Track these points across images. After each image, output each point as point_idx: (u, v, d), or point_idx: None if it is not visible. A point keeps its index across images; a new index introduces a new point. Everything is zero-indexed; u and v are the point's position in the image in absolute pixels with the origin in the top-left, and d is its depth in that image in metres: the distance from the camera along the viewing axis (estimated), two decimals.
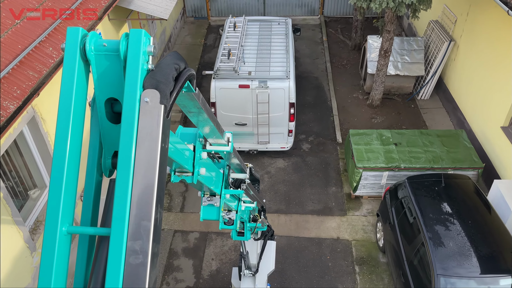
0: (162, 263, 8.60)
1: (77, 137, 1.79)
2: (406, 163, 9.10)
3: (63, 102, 1.76)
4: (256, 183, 4.75)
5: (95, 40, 1.78)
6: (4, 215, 6.16)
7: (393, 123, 12.00)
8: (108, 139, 2.00)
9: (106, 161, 2.03)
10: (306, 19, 17.49)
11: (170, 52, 2.01)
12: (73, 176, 1.77)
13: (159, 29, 13.96)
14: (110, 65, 1.81)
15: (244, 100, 9.71)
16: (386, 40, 11.07)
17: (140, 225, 1.63)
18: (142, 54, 1.72)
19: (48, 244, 1.69)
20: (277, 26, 11.93)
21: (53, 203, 1.71)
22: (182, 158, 2.63)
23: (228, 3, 17.28)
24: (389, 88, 12.84)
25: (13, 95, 5.62)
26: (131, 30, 1.74)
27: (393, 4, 8.85)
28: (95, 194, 2.01)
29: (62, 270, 1.73)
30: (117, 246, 1.60)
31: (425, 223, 7.09)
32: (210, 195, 3.88)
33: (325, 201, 9.84)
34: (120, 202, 1.63)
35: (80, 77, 1.78)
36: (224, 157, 3.79)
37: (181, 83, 1.82)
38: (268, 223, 5.93)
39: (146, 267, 1.60)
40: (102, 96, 1.89)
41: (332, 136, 11.69)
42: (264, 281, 5.76)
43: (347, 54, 15.28)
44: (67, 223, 1.74)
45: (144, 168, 1.66)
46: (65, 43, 1.76)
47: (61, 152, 1.74)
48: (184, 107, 2.28)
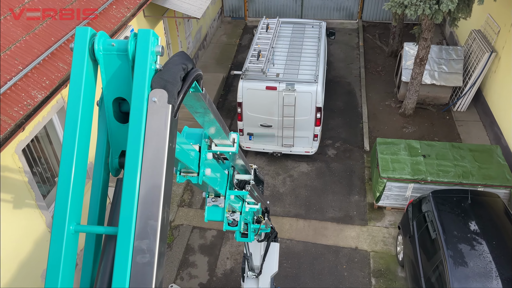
0: (178, 258, 8.72)
1: (85, 136, 1.80)
2: (433, 176, 8.77)
3: (71, 102, 1.77)
4: (260, 185, 4.73)
5: (103, 40, 1.80)
6: (28, 199, 6.44)
7: (425, 134, 11.60)
8: (116, 139, 2.02)
9: (113, 161, 2.05)
10: (343, 23, 17.23)
11: (176, 52, 2.02)
12: (81, 175, 1.79)
13: (195, 27, 14.17)
14: (118, 65, 1.83)
15: (270, 102, 9.68)
16: (423, 48, 10.72)
17: (147, 225, 1.63)
18: (150, 54, 1.73)
19: (56, 242, 1.71)
20: (311, 29, 11.81)
21: (60, 202, 1.73)
22: (188, 159, 2.64)
23: (265, 4, 17.31)
24: (423, 97, 12.43)
25: (42, 85, 5.87)
26: (139, 30, 1.75)
27: (429, 11, 8.54)
28: (102, 193, 2.03)
29: (69, 268, 1.74)
30: (124, 245, 1.61)
31: (446, 240, 6.81)
32: (214, 196, 3.89)
33: (346, 209, 9.65)
34: (127, 201, 1.64)
35: (88, 76, 1.80)
36: (229, 158, 3.79)
37: (188, 83, 1.83)
38: (272, 224, 5.89)
39: (153, 266, 1.60)
40: (110, 96, 1.91)
41: (359, 143, 11.45)
42: (267, 282, 5.73)
43: (383, 60, 14.92)
44: (75, 222, 1.76)
45: (151, 167, 1.67)
46: (74, 42, 1.78)
47: (69, 152, 1.75)
48: (191, 107, 2.29)
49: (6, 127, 5.13)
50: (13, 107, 5.37)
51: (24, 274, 6.47)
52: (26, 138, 6.32)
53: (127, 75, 1.83)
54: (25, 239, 6.48)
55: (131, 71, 1.79)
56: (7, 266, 6.11)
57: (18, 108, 5.40)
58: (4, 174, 5.92)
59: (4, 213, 5.96)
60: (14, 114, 5.30)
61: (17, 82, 5.61)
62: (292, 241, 8.98)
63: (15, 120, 5.27)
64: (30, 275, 6.59)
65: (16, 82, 5.60)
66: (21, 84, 5.64)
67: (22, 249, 6.43)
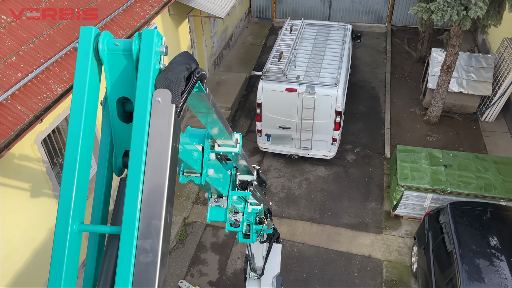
0: (189, 254, 8.80)
1: (88, 136, 1.81)
2: (453, 187, 8.51)
3: (75, 101, 1.78)
4: (262, 185, 4.70)
5: (107, 39, 1.81)
6: (45, 189, 6.64)
7: (450, 143, 11.27)
8: (119, 138, 2.03)
9: (117, 160, 2.06)
10: (372, 27, 16.95)
11: (180, 52, 2.01)
12: (84, 174, 1.79)
13: (220, 26, 14.26)
14: (122, 65, 1.84)
15: (289, 103, 9.63)
16: (450, 55, 10.42)
17: (150, 224, 1.64)
18: (154, 54, 1.73)
19: (59, 241, 1.72)
20: (336, 31, 11.68)
21: (64, 201, 1.74)
22: (191, 159, 2.64)
23: (293, 5, 17.23)
24: (450, 105, 12.07)
25: (62, 79, 6.03)
26: (143, 30, 1.76)
27: (457, 17, 8.29)
28: (106, 192, 2.04)
29: (72, 267, 1.75)
30: (127, 245, 1.61)
31: (461, 254, 6.59)
32: (217, 196, 3.90)
33: (361, 215, 9.49)
34: (131, 200, 1.64)
35: (92, 76, 1.81)
36: (232, 159, 3.78)
37: (192, 83, 1.83)
38: (274, 225, 5.85)
39: (156, 266, 1.60)
40: (114, 95, 1.92)
41: (380, 149, 11.23)
42: (269, 283, 5.71)
43: (410, 66, 14.59)
44: (78, 221, 1.76)
45: (155, 167, 1.67)
46: (78, 42, 1.79)
47: (73, 151, 1.76)
48: (194, 107, 2.29)
49: (25, 118, 5.30)
50: (33, 99, 5.55)
51: (38, 261, 6.68)
52: (46, 129, 6.52)
53: (131, 74, 1.84)
54: (41, 226, 6.68)
55: (135, 71, 1.79)
56: (22, 252, 6.32)
57: (37, 100, 5.57)
58: (23, 163, 6.12)
59: (21, 200, 6.17)
60: (33, 106, 5.48)
61: (38, 75, 5.79)
62: (305, 245, 8.90)
63: (34, 112, 5.44)
64: (44, 262, 6.80)
65: (37, 74, 5.78)
66: (42, 77, 5.82)
67: (37, 237, 6.64)
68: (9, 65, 5.59)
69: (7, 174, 5.84)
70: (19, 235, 6.15)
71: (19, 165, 6.10)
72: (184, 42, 11.43)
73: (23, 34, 6.02)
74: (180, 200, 9.89)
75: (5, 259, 5.94)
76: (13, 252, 6.10)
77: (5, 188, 5.85)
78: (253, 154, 11.17)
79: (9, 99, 5.31)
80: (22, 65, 5.69)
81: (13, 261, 6.10)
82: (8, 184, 5.92)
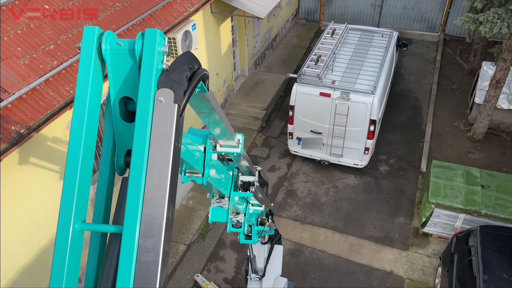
0: (209, 250, 8.90)
1: (91, 135, 1.84)
2: (488, 209, 8.00)
3: (78, 100, 1.81)
4: (264, 186, 4.66)
5: (110, 39, 1.83)
6: None
7: (493, 163, 10.61)
8: (121, 138, 2.05)
9: (119, 160, 2.08)
10: (423, 35, 16.29)
11: (184, 51, 2.03)
12: (86, 173, 1.82)
13: (265, 27, 14.28)
14: (125, 64, 1.86)
15: (323, 108, 9.48)
16: (501, 70, 9.81)
17: (152, 224, 1.66)
18: (157, 54, 1.75)
19: (61, 240, 1.74)
20: (379, 38, 11.33)
21: (66, 200, 1.77)
22: (192, 159, 2.66)
23: (342, 9, 16.92)
24: (498, 123, 11.37)
25: None
26: (146, 30, 1.78)
27: (507, 30, 7.78)
28: (108, 192, 2.07)
29: (74, 266, 1.78)
30: (129, 244, 1.63)
31: (485, 280, 6.19)
32: (218, 197, 3.91)
33: (388, 229, 9.16)
34: (132, 200, 1.67)
35: (95, 76, 1.82)
36: (234, 159, 3.78)
37: (194, 83, 1.85)
38: (276, 227, 5.78)
39: (157, 265, 1.62)
40: (117, 95, 1.94)
41: (416, 163, 10.78)
42: (271, 284, 5.65)
43: (460, 78, 13.88)
44: (80, 220, 1.79)
45: (157, 166, 1.69)
46: (82, 42, 1.82)
47: (75, 150, 1.78)
48: (196, 108, 2.30)
49: (55, 104, 5.60)
50: (65, 86, 5.84)
51: None
52: None
53: (134, 74, 1.86)
54: None
55: (137, 70, 1.81)
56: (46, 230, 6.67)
57: (69, 88, 5.86)
58: (55, 146, 6.46)
59: (50, 181, 6.52)
60: (64, 93, 5.77)
61: (73, 64, 6.08)
62: (324, 253, 8.73)
63: (65, 99, 5.73)
64: None
65: (73, 63, 6.07)
66: (76, 66, 6.11)
67: None
68: (47, 52, 5.92)
69: (41, 156, 6.18)
70: (44, 214, 6.49)
71: (51, 147, 6.44)
72: (225, 40, 11.56)
73: (63, 24, 6.35)
74: (205, 195, 10.01)
75: (29, 237, 6.29)
76: (38, 230, 6.45)
77: (37, 168, 6.20)
78: (283, 157, 11.10)
79: (43, 85, 5.63)
80: (58, 54, 6.01)
81: (36, 238, 6.46)
82: (40, 165, 6.27)
